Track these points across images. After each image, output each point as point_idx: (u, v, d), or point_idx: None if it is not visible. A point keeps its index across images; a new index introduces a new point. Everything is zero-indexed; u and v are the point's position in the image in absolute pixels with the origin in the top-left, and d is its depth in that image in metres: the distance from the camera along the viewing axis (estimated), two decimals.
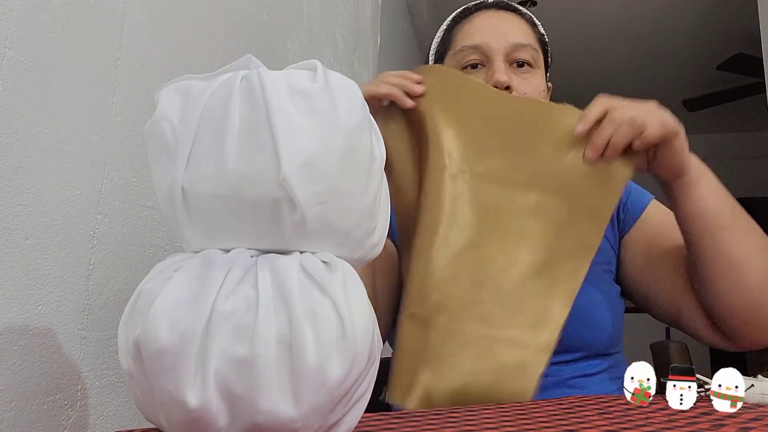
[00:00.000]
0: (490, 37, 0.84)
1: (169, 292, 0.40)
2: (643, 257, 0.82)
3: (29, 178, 0.56)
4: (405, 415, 0.55)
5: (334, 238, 0.45)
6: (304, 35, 1.39)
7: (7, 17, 0.54)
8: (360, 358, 0.41)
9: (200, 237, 0.44)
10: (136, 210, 0.72)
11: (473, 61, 0.84)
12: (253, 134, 0.41)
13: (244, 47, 1.05)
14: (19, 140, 0.55)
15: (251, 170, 0.41)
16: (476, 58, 0.84)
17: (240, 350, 0.38)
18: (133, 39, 0.72)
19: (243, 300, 0.40)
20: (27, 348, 0.55)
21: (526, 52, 0.84)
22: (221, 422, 0.39)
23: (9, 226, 0.54)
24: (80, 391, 0.62)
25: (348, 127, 0.43)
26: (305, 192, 0.41)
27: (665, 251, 0.80)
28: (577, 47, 3.67)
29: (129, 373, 0.42)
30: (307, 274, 0.42)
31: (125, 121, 0.70)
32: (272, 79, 0.42)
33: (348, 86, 0.45)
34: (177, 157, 0.42)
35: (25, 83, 0.56)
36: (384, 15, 2.39)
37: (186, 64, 0.85)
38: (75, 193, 0.62)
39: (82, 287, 0.63)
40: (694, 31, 3.58)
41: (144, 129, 0.46)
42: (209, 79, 0.45)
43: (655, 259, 0.81)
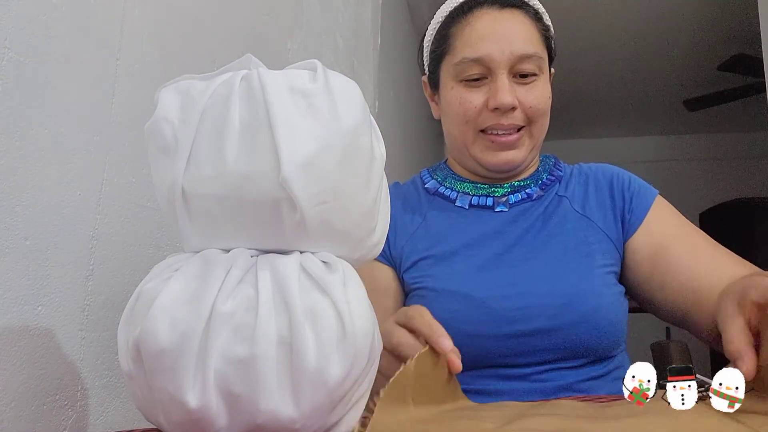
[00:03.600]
0: (493, 47, 0.80)
1: (169, 292, 0.40)
2: (648, 266, 0.81)
3: (29, 178, 0.56)
4: None
5: (334, 238, 0.45)
6: (304, 35, 1.39)
7: (7, 17, 0.54)
8: (360, 359, 0.41)
9: (200, 237, 0.44)
10: (136, 210, 0.72)
11: (475, 76, 0.82)
12: (253, 134, 0.41)
13: (244, 47, 1.05)
14: (19, 140, 0.55)
15: (251, 170, 0.41)
16: (478, 73, 0.81)
17: (240, 350, 0.38)
18: (133, 39, 0.72)
19: (243, 300, 0.40)
20: (27, 348, 0.55)
21: (532, 62, 0.81)
22: (221, 422, 0.39)
23: (9, 226, 0.54)
24: (80, 391, 0.62)
25: (348, 127, 0.43)
26: (305, 192, 0.41)
27: (672, 266, 0.79)
28: (577, 47, 3.67)
29: (129, 373, 0.42)
30: (307, 274, 0.42)
31: (125, 121, 0.70)
32: (272, 79, 0.42)
33: (348, 86, 0.45)
34: (177, 158, 0.42)
35: (25, 83, 0.56)
36: (384, 15, 2.38)
37: (186, 64, 0.84)
38: (75, 193, 0.62)
39: (82, 287, 0.63)
40: (694, 31, 3.58)
41: (144, 129, 0.46)
42: (209, 79, 0.45)
43: (660, 272, 0.80)
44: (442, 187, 0.91)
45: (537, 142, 0.86)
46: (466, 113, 0.83)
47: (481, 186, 0.89)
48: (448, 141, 0.92)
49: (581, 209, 0.85)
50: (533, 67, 0.82)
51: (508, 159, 0.84)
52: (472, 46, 0.82)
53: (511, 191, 0.88)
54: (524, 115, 0.83)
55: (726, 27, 3.52)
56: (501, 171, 0.86)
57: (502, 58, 0.80)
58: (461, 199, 0.88)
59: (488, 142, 0.83)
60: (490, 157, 0.84)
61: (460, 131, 0.85)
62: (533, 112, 0.83)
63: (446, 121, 0.89)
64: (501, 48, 0.80)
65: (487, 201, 0.87)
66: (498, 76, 0.80)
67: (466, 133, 0.85)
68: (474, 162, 0.87)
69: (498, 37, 0.81)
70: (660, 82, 4.21)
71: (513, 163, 0.84)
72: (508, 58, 0.80)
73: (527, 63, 0.81)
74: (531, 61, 0.81)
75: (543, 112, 0.84)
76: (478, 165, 0.87)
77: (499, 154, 0.84)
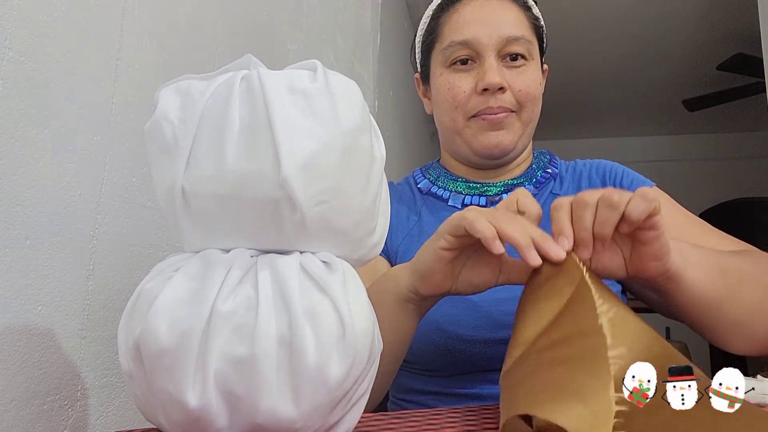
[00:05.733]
0: (480, 30, 0.80)
1: (169, 292, 0.40)
2: None
3: (29, 178, 0.56)
4: (405, 415, 0.55)
5: (334, 238, 0.45)
6: (304, 35, 1.39)
7: (7, 17, 0.54)
8: (360, 358, 0.41)
9: (200, 237, 0.44)
10: (136, 210, 0.72)
11: (463, 57, 0.82)
12: (253, 134, 0.41)
13: (244, 47, 1.05)
14: (19, 140, 0.55)
15: (251, 170, 0.41)
16: (466, 54, 0.81)
17: (240, 350, 0.38)
18: (133, 39, 0.72)
19: (243, 300, 0.40)
20: (27, 348, 0.55)
21: (520, 45, 0.81)
22: (221, 422, 0.39)
23: (9, 226, 0.54)
24: (80, 391, 0.62)
25: (348, 127, 0.43)
26: (305, 192, 0.41)
27: None
28: (576, 46, 3.67)
29: (129, 373, 0.42)
30: (307, 274, 0.42)
31: (125, 121, 0.70)
32: (272, 79, 0.42)
33: (348, 86, 0.45)
34: (177, 157, 0.42)
35: (25, 83, 0.56)
36: (384, 15, 2.39)
37: (186, 64, 0.84)
38: (75, 193, 0.62)
39: (82, 287, 0.63)
40: (694, 31, 3.58)
41: (144, 129, 0.46)
42: (209, 79, 0.45)
43: None
44: (435, 187, 0.90)
45: (527, 129, 0.85)
46: (455, 98, 0.83)
47: (474, 185, 0.88)
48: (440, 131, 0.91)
49: None
50: (522, 49, 0.81)
51: (498, 140, 0.83)
52: (460, 29, 0.82)
53: (504, 189, 0.87)
54: (514, 99, 0.82)
55: (726, 27, 3.52)
56: (492, 156, 0.85)
57: (489, 42, 0.80)
58: (454, 199, 0.88)
59: (479, 121, 0.83)
60: (482, 138, 0.83)
61: (450, 117, 0.85)
62: (523, 96, 0.82)
63: (437, 111, 0.89)
64: (488, 32, 0.80)
65: (480, 200, 0.87)
66: (486, 58, 0.80)
67: (456, 119, 0.84)
68: (466, 148, 0.86)
69: (485, 21, 0.81)
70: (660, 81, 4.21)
71: (503, 146, 0.83)
72: (496, 41, 0.80)
73: (515, 45, 0.81)
74: (519, 43, 0.81)
75: (533, 97, 0.83)
76: (470, 151, 0.86)
77: (489, 134, 0.82)
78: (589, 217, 0.53)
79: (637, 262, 0.56)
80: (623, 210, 0.52)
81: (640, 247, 0.55)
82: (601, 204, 0.52)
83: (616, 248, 0.56)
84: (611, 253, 0.56)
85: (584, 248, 0.53)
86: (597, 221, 0.53)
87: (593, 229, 0.53)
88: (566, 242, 0.52)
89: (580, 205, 0.53)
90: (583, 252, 0.53)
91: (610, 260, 0.56)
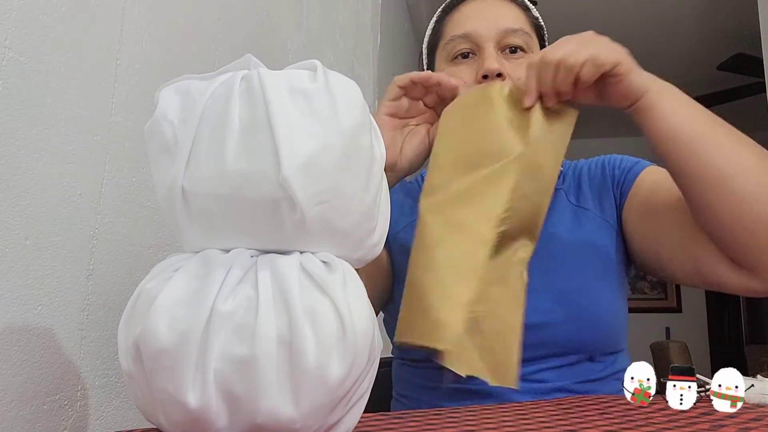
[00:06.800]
0: (479, 24, 0.82)
1: (169, 292, 0.40)
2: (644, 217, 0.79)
3: (29, 178, 0.56)
4: (405, 415, 0.55)
5: (334, 238, 0.45)
6: (304, 35, 1.39)
7: (7, 17, 0.54)
8: (360, 358, 0.41)
9: (200, 237, 0.44)
10: (136, 210, 0.72)
11: (464, 51, 0.83)
12: (253, 134, 0.41)
13: (244, 47, 1.05)
14: (19, 140, 0.55)
15: (251, 170, 0.41)
16: (466, 47, 0.83)
17: (240, 350, 0.38)
18: (133, 39, 0.72)
19: (243, 300, 0.40)
20: (27, 348, 0.55)
21: (518, 36, 0.82)
22: (221, 422, 0.39)
23: (9, 226, 0.54)
24: (80, 391, 0.62)
25: (348, 127, 0.43)
26: (305, 192, 0.41)
27: (665, 203, 0.76)
28: None
29: (129, 373, 0.42)
30: (307, 274, 0.42)
31: (125, 121, 0.70)
32: (272, 79, 0.42)
33: (348, 86, 0.45)
34: (177, 157, 0.42)
35: (25, 83, 0.56)
36: (384, 15, 2.39)
37: (186, 64, 0.84)
38: (75, 193, 0.62)
39: (82, 287, 0.63)
40: (694, 30, 3.58)
41: (144, 129, 0.46)
42: (209, 79, 0.45)
43: (657, 213, 0.77)
44: None
45: None
46: None
47: None
48: None
49: (576, 201, 0.85)
50: (520, 41, 0.83)
51: None
52: (461, 24, 0.85)
53: None
54: None
55: (726, 27, 3.52)
56: None
57: (489, 34, 0.82)
58: None
59: None
60: None
61: None
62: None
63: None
64: (487, 25, 0.82)
65: None
66: (485, 49, 0.81)
67: None
68: None
69: (485, 16, 0.84)
70: None
71: None
72: (495, 33, 0.82)
73: (513, 36, 0.82)
74: (517, 35, 0.82)
75: None
76: None
77: None
78: (550, 75, 0.66)
79: (607, 97, 0.70)
80: (576, 72, 0.65)
81: (609, 87, 0.68)
82: (562, 66, 0.66)
83: (593, 87, 0.69)
84: (589, 93, 0.70)
85: (548, 99, 0.68)
86: (558, 80, 0.66)
87: (554, 85, 0.67)
88: (528, 100, 0.68)
89: (543, 65, 0.67)
90: (548, 101, 0.68)
91: (585, 97, 0.70)
